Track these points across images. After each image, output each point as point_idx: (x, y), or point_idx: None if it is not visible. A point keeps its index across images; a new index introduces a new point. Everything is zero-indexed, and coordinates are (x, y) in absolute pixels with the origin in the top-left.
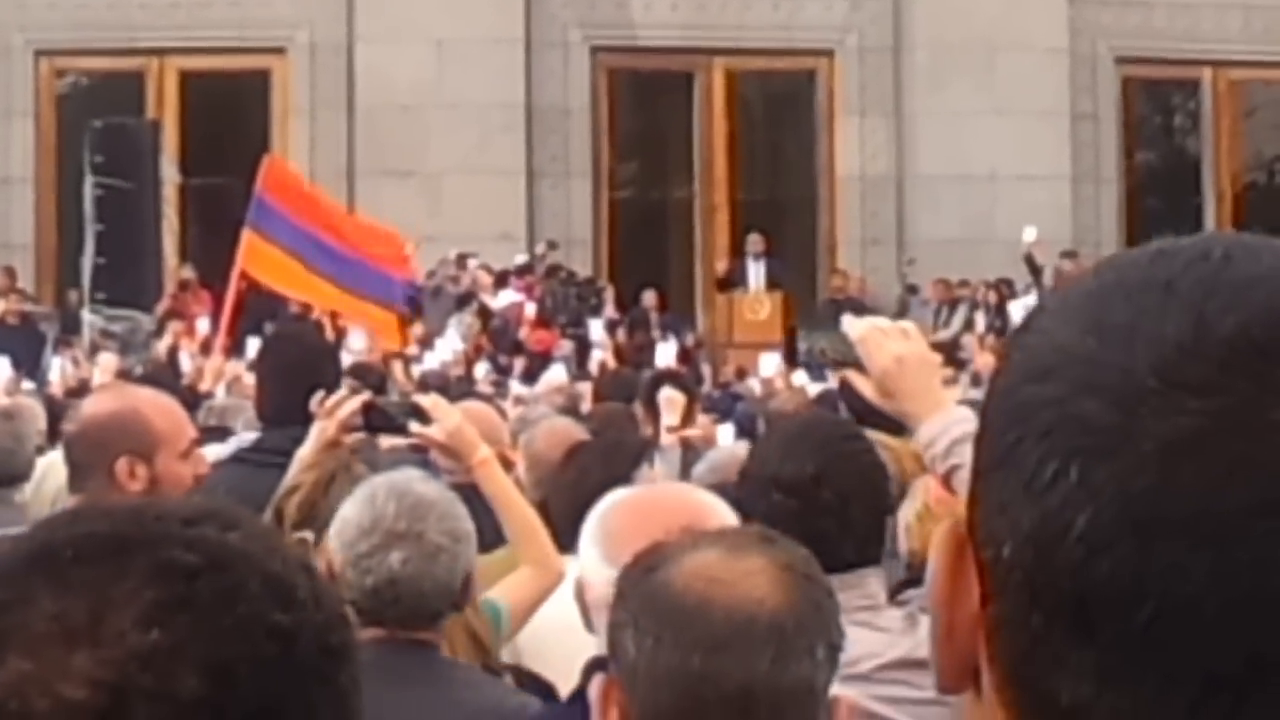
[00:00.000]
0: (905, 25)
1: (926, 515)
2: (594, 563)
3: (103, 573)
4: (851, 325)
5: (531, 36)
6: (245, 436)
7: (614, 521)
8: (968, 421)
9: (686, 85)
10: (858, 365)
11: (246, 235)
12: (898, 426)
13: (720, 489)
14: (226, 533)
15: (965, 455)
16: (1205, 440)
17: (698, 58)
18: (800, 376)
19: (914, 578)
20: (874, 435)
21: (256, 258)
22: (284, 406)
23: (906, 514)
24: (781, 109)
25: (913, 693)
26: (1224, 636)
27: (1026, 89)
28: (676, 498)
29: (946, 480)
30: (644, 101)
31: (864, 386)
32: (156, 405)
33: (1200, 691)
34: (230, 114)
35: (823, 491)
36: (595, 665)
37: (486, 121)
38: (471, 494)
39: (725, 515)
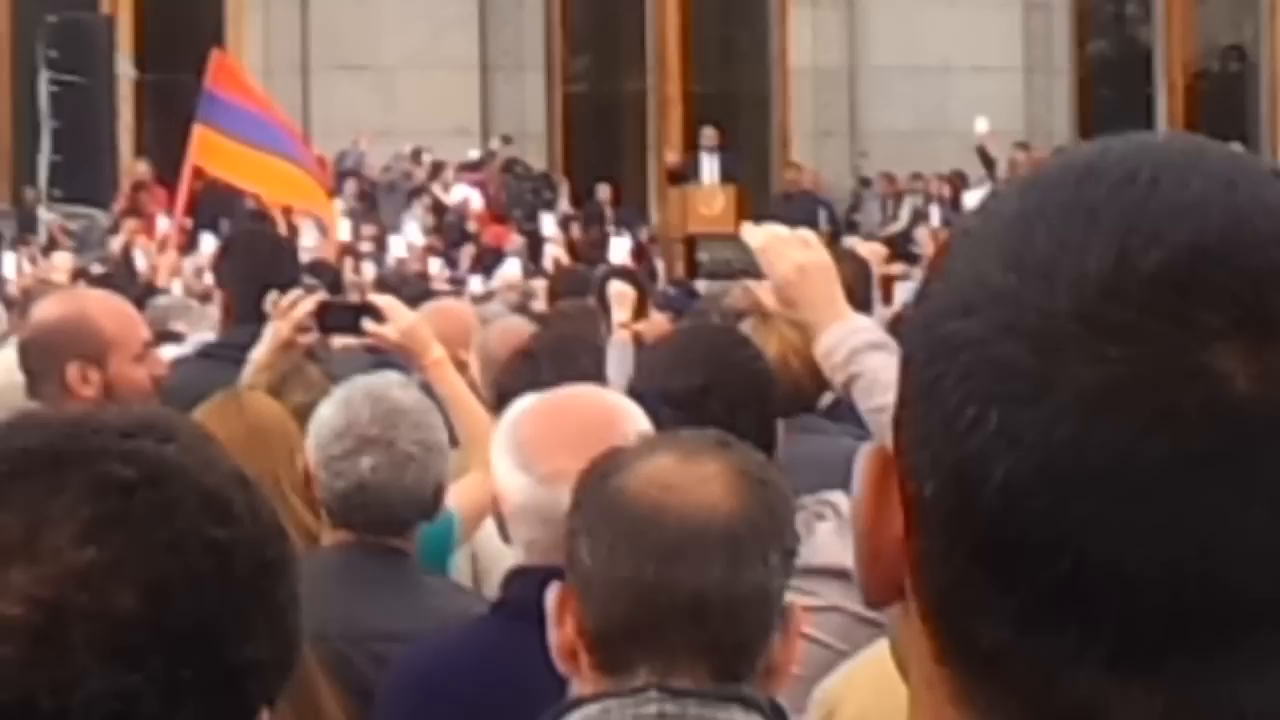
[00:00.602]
0: None
1: None
2: (508, 472)
3: (38, 488)
4: (752, 234)
5: None
6: (204, 337)
7: (525, 429)
8: (867, 330)
9: None
10: (759, 274)
11: (197, 130)
12: None
13: None
14: (163, 445)
15: (864, 365)
16: (1125, 390)
17: None
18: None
19: None
20: None
21: (208, 151)
22: (248, 304)
23: None
24: (734, 1)
25: (809, 600)
26: (1144, 590)
27: None
28: (586, 401)
29: (845, 388)
30: None
31: (765, 295)
32: (106, 308)
33: (1120, 643)
34: (184, 9)
35: (711, 402)
36: (515, 575)
37: (439, 15)
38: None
39: (637, 417)
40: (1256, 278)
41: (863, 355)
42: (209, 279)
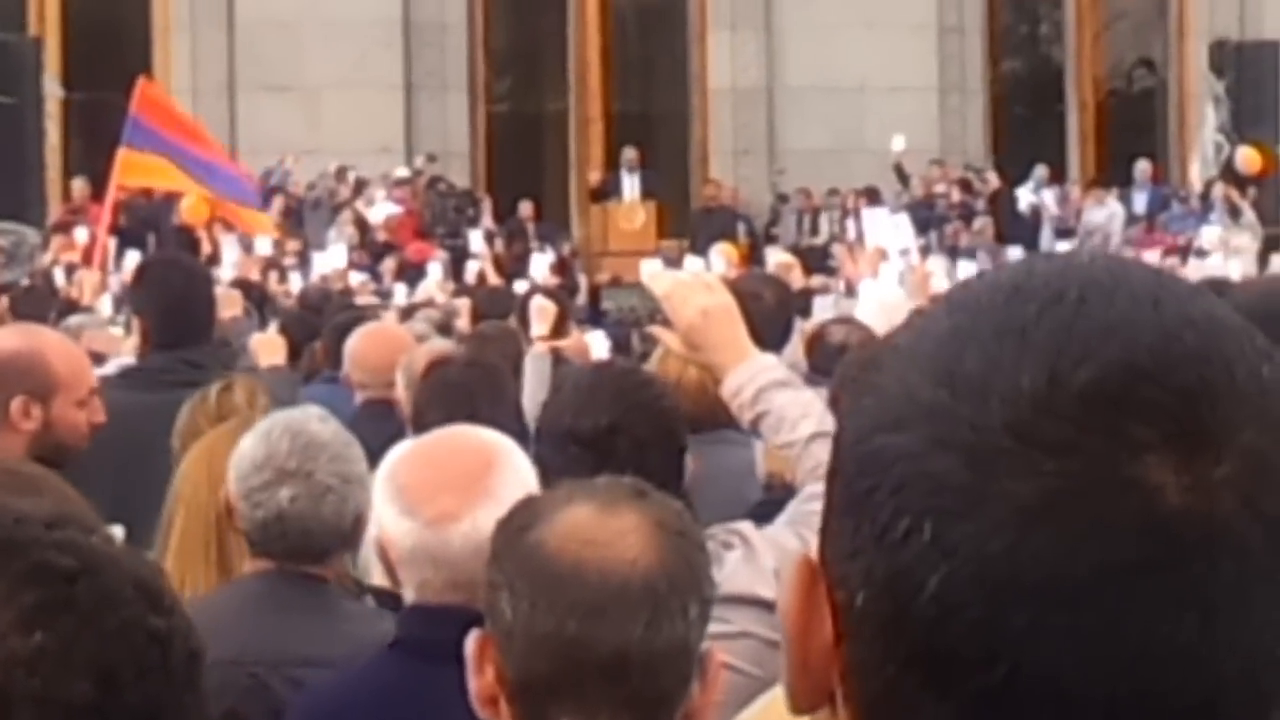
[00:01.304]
0: None
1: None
2: (393, 519)
3: None
4: (655, 281)
5: None
6: (123, 360)
7: (405, 475)
8: (772, 369)
9: None
10: (664, 320)
11: (121, 153)
12: None
13: None
14: (89, 536)
15: (771, 403)
16: (1059, 502)
17: None
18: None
19: (772, 499)
20: None
21: (132, 168)
22: (164, 331)
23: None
24: (654, 22)
25: (721, 627)
26: (1078, 698)
27: (895, 1)
28: (465, 443)
29: (754, 426)
30: (519, 15)
31: (670, 340)
32: (61, 350)
33: None
34: (111, 29)
35: (619, 441)
36: (411, 613)
37: (364, 36)
38: (387, 410)
39: (518, 459)
40: (1186, 392)
41: (768, 393)
42: None
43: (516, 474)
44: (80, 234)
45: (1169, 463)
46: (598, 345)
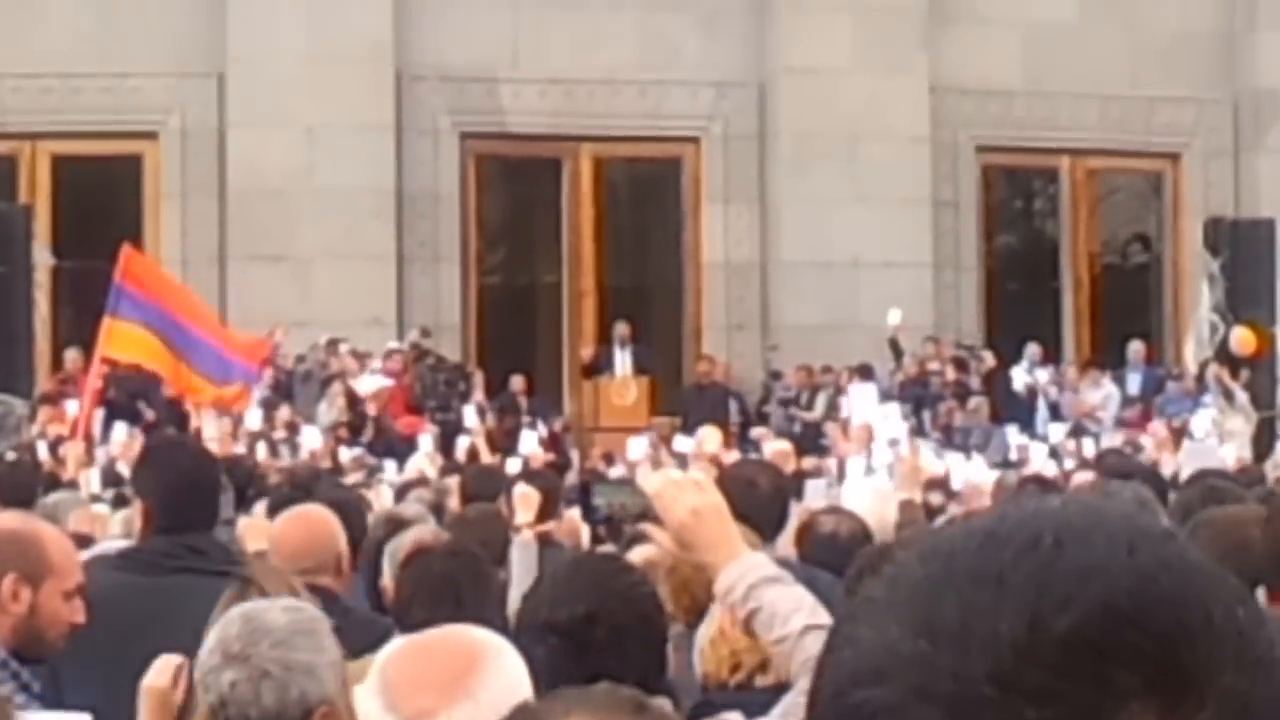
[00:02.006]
0: (769, 113)
1: (720, 640)
2: (377, 713)
3: None
4: (646, 480)
5: (402, 122)
6: (115, 544)
7: (392, 671)
8: (762, 566)
9: (554, 171)
10: (655, 519)
11: (106, 323)
12: None
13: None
14: None
15: (762, 599)
16: None
17: (565, 144)
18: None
19: (708, 700)
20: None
21: (116, 340)
22: (168, 514)
23: (701, 637)
24: (648, 195)
25: None
26: None
27: (888, 177)
28: (453, 642)
29: (747, 624)
30: (512, 187)
31: (662, 539)
32: (57, 540)
33: None
34: (102, 198)
35: (597, 630)
36: None
37: (357, 207)
38: (320, 602)
39: (507, 660)
40: (1167, 637)
41: (759, 590)
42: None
43: (501, 675)
44: (71, 406)
45: (1152, 709)
46: (577, 527)
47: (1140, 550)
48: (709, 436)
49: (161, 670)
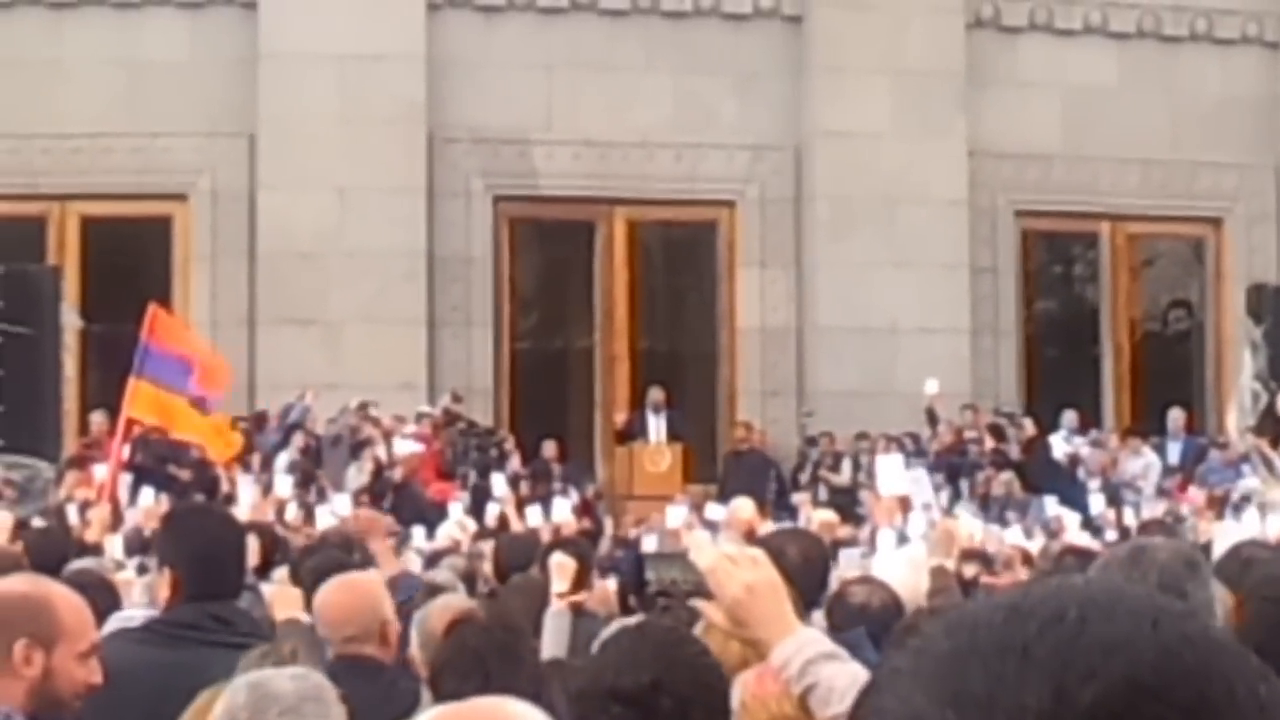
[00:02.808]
0: (806, 177)
1: (743, 712)
2: None
3: None
4: (701, 555)
5: (434, 185)
6: (137, 612)
7: None
8: (817, 642)
9: (588, 235)
10: (707, 594)
11: (131, 383)
12: None
13: None
14: None
15: (818, 675)
16: None
17: (599, 207)
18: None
19: None
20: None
21: (141, 401)
22: (195, 582)
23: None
24: (682, 259)
25: None
26: None
27: (926, 241)
28: (486, 714)
29: (803, 700)
30: (546, 251)
31: (714, 615)
32: (68, 600)
33: None
34: (132, 260)
35: (662, 699)
36: None
37: (388, 270)
38: (351, 667)
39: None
40: (1189, 710)
41: (815, 666)
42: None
43: None
44: (98, 470)
45: None
46: (609, 596)
47: (1163, 625)
48: (743, 506)
49: None
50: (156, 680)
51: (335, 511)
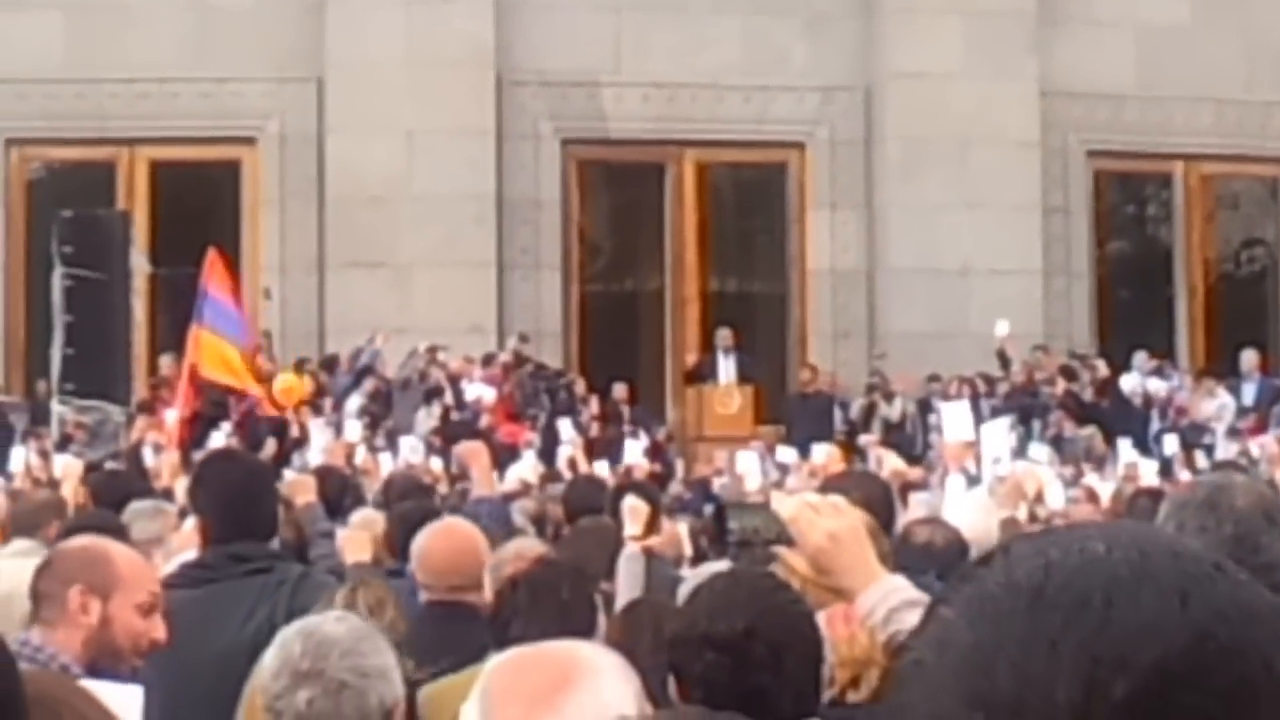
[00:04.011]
0: (877, 118)
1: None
2: None
3: None
4: (783, 504)
5: (503, 128)
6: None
7: (493, 680)
8: (902, 590)
9: (657, 177)
10: (790, 542)
11: (194, 331)
12: None
13: None
14: None
15: (904, 623)
16: None
17: (669, 149)
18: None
19: None
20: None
21: (205, 352)
22: (221, 529)
23: None
24: (753, 201)
25: None
26: None
27: (998, 182)
28: (553, 658)
29: (887, 647)
30: (615, 193)
31: (798, 564)
32: (126, 554)
33: None
34: (200, 204)
35: (756, 646)
36: None
37: (457, 213)
38: (452, 613)
39: (607, 680)
40: (1225, 694)
41: (900, 614)
42: None
43: (595, 695)
44: (170, 415)
45: None
46: (680, 538)
47: (1193, 601)
48: (827, 453)
49: None
50: (178, 619)
51: (405, 456)
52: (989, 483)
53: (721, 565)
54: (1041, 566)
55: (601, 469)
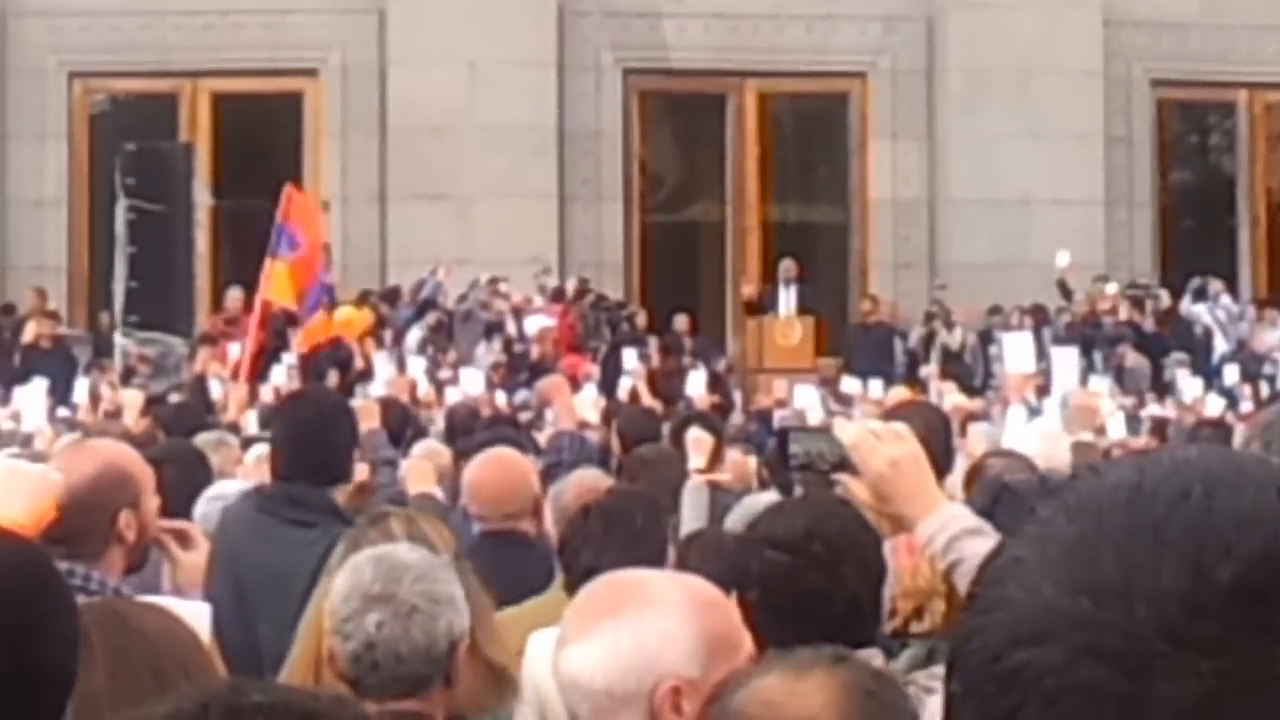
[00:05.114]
0: (939, 48)
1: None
2: (554, 639)
3: None
4: (844, 430)
5: (564, 59)
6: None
7: (575, 602)
8: (963, 518)
9: (719, 107)
10: (852, 469)
11: (268, 264)
12: None
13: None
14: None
15: (964, 551)
16: (1220, 703)
17: (730, 80)
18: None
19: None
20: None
21: (277, 284)
22: (287, 463)
23: None
24: (814, 131)
25: None
26: None
27: (1060, 112)
28: (616, 585)
29: (948, 576)
30: (676, 124)
31: (859, 490)
32: (125, 454)
33: None
34: (262, 136)
35: (814, 544)
36: None
37: (518, 144)
38: (506, 542)
39: (660, 611)
40: None
41: (961, 542)
42: None
43: (641, 623)
44: (233, 348)
45: None
46: (745, 469)
47: None
48: (897, 393)
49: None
50: (234, 539)
51: (466, 387)
52: (1058, 410)
53: (772, 495)
54: (1136, 469)
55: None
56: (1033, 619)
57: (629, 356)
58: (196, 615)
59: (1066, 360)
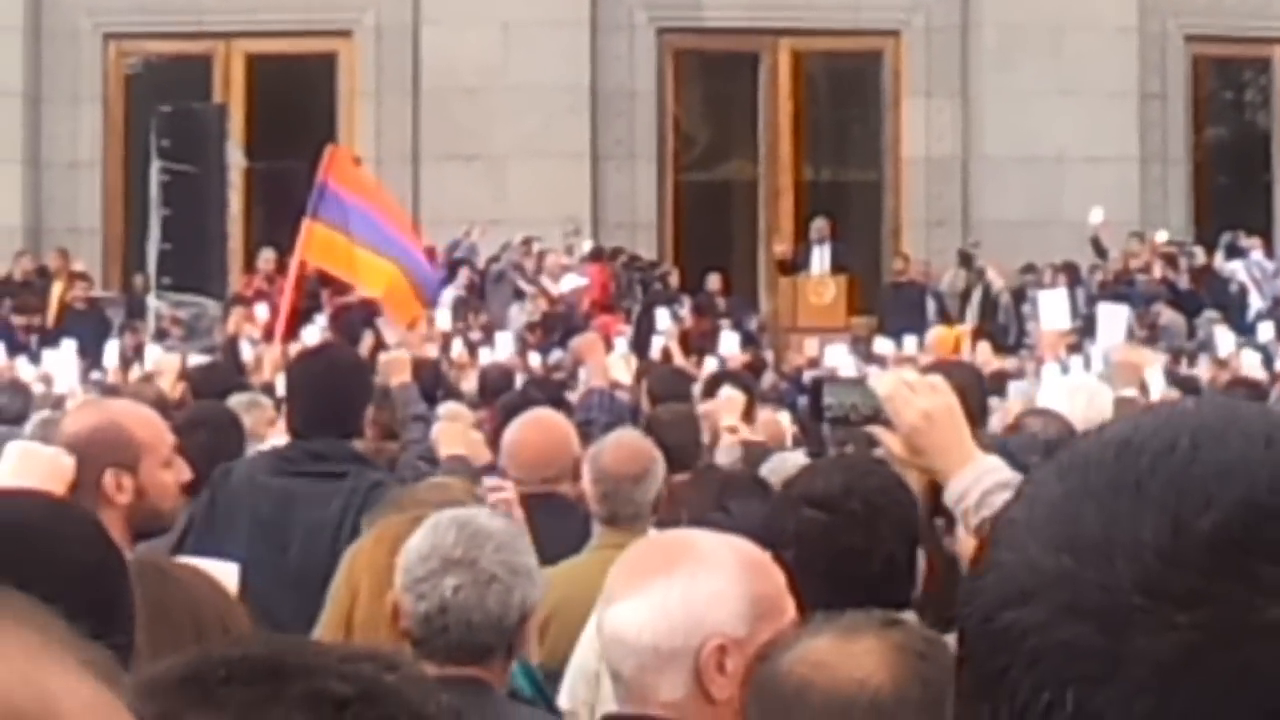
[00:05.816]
0: (972, 5)
1: None
2: (601, 601)
3: (255, 695)
4: (879, 381)
5: (597, 18)
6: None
7: (621, 561)
8: (996, 471)
9: (752, 66)
10: (886, 421)
11: (307, 224)
12: None
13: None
14: (385, 672)
15: (997, 505)
16: (1200, 654)
17: (763, 38)
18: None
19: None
20: None
21: (315, 244)
22: (302, 420)
23: None
24: (847, 90)
25: None
26: None
27: (1094, 69)
28: (665, 546)
29: (979, 530)
30: (709, 83)
31: (892, 443)
32: (136, 415)
33: None
34: (296, 97)
35: (851, 501)
36: None
37: (551, 104)
38: (545, 505)
39: (709, 572)
40: None
41: (994, 496)
42: None
43: (693, 581)
44: (261, 310)
45: None
46: (778, 428)
47: (1278, 442)
48: (937, 335)
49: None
50: (255, 500)
51: (499, 348)
52: (1101, 366)
53: (799, 455)
54: (1131, 423)
55: (709, 365)
56: (1018, 580)
57: (662, 316)
58: (224, 577)
59: (1114, 316)
